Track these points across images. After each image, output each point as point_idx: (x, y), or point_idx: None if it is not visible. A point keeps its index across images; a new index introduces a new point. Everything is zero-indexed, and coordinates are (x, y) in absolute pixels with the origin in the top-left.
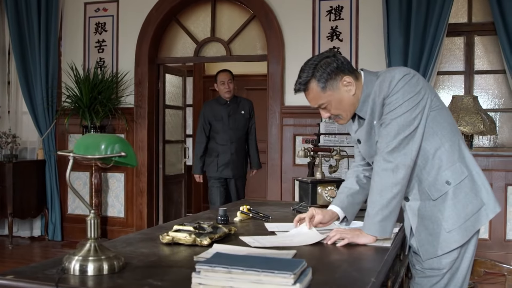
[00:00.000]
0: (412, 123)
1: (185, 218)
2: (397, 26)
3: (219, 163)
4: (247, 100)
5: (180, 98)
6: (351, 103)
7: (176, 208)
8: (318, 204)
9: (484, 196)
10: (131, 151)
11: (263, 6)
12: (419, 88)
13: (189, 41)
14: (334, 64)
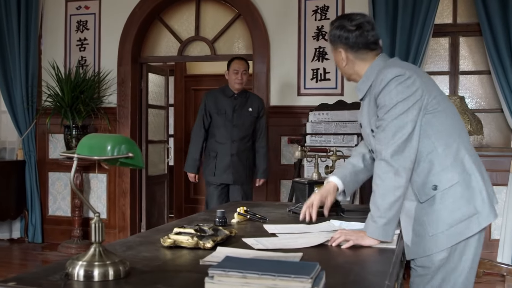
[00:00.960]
0: (409, 124)
1: (182, 220)
2: (383, 26)
3: (217, 166)
4: (257, 97)
5: (163, 98)
6: (344, 71)
7: (159, 209)
8: None
9: (478, 204)
10: (138, 152)
11: (248, 5)
12: (414, 89)
13: (172, 40)
14: (343, 33)
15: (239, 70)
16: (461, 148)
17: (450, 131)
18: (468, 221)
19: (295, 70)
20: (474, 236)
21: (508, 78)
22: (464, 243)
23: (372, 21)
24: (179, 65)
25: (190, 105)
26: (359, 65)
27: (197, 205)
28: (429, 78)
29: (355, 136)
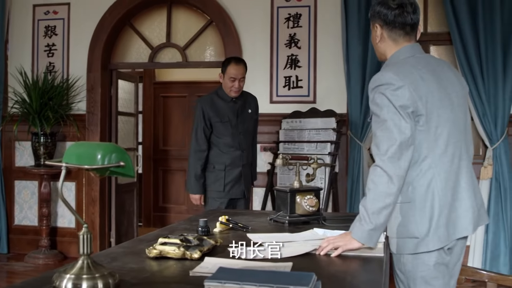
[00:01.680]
0: (405, 132)
1: (162, 230)
2: (356, 34)
3: (226, 179)
4: (251, 95)
5: (132, 105)
6: (377, 48)
7: (128, 218)
8: (297, 213)
9: (422, 229)
10: (129, 161)
11: (220, 12)
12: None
13: (143, 46)
14: (383, 10)
15: (236, 77)
16: (431, 172)
17: (424, 152)
18: (403, 241)
19: (267, 77)
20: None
21: (477, 86)
22: (412, 257)
23: (416, 4)
24: (148, 72)
25: (159, 112)
26: (389, 46)
27: (166, 214)
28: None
29: (328, 143)
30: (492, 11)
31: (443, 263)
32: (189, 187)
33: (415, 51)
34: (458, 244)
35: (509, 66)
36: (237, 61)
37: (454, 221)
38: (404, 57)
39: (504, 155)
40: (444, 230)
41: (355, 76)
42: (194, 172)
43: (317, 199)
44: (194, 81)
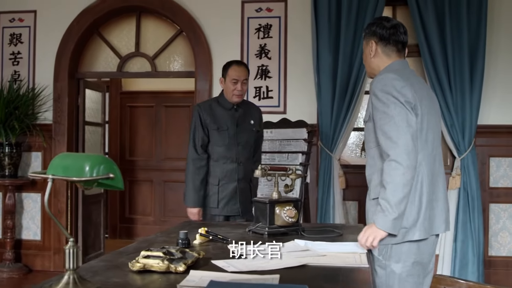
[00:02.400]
0: (412, 125)
1: (140, 242)
2: (326, 45)
3: (220, 195)
4: (254, 105)
5: (99, 115)
6: (369, 64)
7: (95, 229)
8: (276, 224)
9: (409, 220)
10: (118, 172)
11: (190, 22)
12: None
13: (111, 55)
14: (377, 29)
15: (238, 79)
16: (422, 165)
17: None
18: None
19: None
20: (402, 244)
21: (446, 97)
22: (391, 248)
23: (405, 27)
24: (115, 81)
25: (125, 122)
26: (382, 60)
27: (132, 225)
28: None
29: (300, 154)
30: (459, 23)
31: (420, 262)
32: (186, 199)
33: (405, 65)
34: (431, 241)
35: (476, 78)
36: (239, 63)
37: (432, 218)
38: (397, 68)
39: (471, 165)
40: (428, 223)
41: (326, 86)
42: (192, 183)
43: (296, 210)
44: (161, 91)
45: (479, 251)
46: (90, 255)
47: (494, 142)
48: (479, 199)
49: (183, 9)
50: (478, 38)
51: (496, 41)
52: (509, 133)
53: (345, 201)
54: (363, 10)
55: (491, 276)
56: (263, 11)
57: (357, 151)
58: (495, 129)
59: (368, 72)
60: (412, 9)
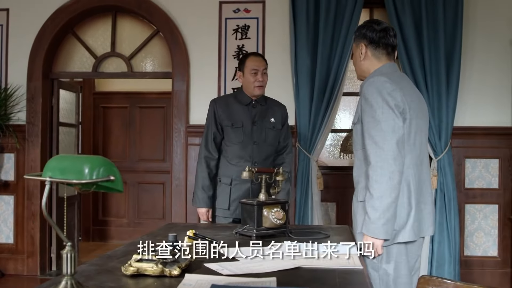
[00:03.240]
0: (397, 132)
1: (128, 245)
2: (304, 47)
3: (232, 195)
4: (278, 103)
5: (73, 115)
6: (359, 66)
7: (70, 232)
8: (264, 226)
9: (399, 223)
10: (118, 174)
11: (167, 22)
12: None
13: (87, 55)
14: (367, 32)
15: (258, 69)
16: (410, 168)
17: (407, 151)
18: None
19: (215, 88)
20: (391, 246)
21: None
22: (386, 250)
23: (394, 31)
24: (88, 82)
25: (98, 123)
26: (372, 63)
27: (106, 227)
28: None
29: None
30: (436, 26)
31: (408, 262)
32: (195, 199)
33: (396, 68)
34: (419, 242)
35: (452, 80)
36: (256, 54)
37: (421, 220)
38: (387, 71)
39: (448, 166)
40: (417, 225)
41: (304, 88)
42: (201, 182)
43: (284, 211)
44: (135, 91)
45: (455, 251)
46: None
47: (470, 143)
48: (455, 200)
49: (160, 9)
50: (454, 40)
51: (471, 44)
52: (484, 135)
53: (323, 202)
54: (341, 12)
55: (466, 276)
56: (241, 12)
57: (334, 152)
58: (470, 130)
59: (358, 74)
60: (390, 11)
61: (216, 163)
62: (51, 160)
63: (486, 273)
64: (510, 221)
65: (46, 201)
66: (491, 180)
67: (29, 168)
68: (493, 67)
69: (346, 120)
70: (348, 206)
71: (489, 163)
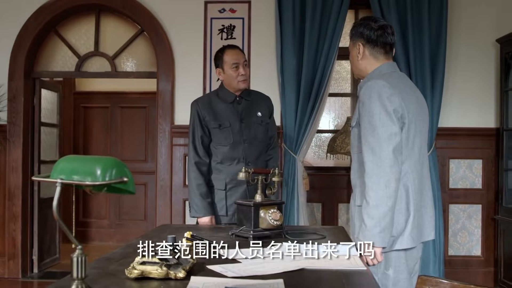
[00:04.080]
0: (394, 138)
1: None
2: (290, 47)
3: (228, 201)
4: (262, 95)
5: (55, 115)
6: (356, 66)
7: (51, 234)
8: (261, 227)
9: (398, 229)
10: (130, 176)
11: (152, 22)
12: (394, 105)
13: (69, 54)
14: (364, 30)
15: (239, 62)
16: (408, 173)
17: (405, 156)
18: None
19: (200, 88)
20: (390, 252)
21: None
22: (384, 256)
23: (392, 28)
24: (68, 81)
25: (79, 123)
26: (370, 62)
27: (87, 228)
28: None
29: None
30: (421, 28)
31: (407, 265)
32: (195, 210)
33: (395, 68)
34: (418, 247)
35: (437, 82)
36: (232, 46)
37: (421, 225)
38: (386, 72)
39: (432, 167)
40: (416, 231)
41: (290, 88)
42: (199, 190)
43: (280, 212)
44: (116, 91)
45: (440, 251)
46: (46, 260)
47: (454, 144)
48: (439, 200)
49: (145, 8)
50: (438, 42)
51: (455, 46)
52: (467, 136)
53: (309, 203)
54: (327, 13)
55: (450, 275)
56: (227, 12)
57: (320, 153)
58: (454, 131)
59: (356, 74)
60: (375, 13)
61: (208, 168)
62: (60, 161)
63: (470, 272)
64: (493, 221)
65: (57, 203)
66: (475, 180)
67: (11, 168)
68: (477, 69)
69: (331, 121)
70: (334, 206)
71: (473, 163)
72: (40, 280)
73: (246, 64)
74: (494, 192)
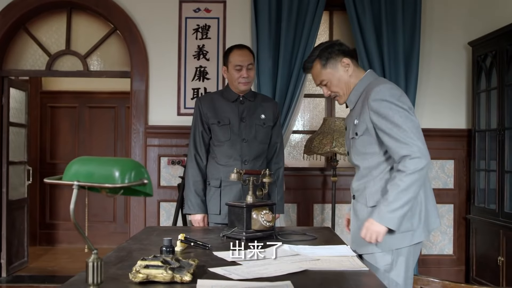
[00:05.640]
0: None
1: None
2: (266, 48)
3: (222, 198)
4: (269, 99)
5: (23, 115)
6: (347, 83)
7: (19, 237)
8: (253, 229)
9: (415, 222)
10: (149, 177)
11: (126, 21)
12: (409, 103)
13: (40, 52)
14: (336, 47)
15: (243, 65)
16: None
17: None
18: (403, 235)
19: (175, 89)
20: (406, 248)
21: None
22: (397, 252)
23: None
24: (34, 80)
25: (46, 123)
26: (357, 74)
27: (53, 231)
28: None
29: None
30: (395, 29)
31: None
32: (188, 205)
33: (375, 75)
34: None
35: (411, 83)
36: (240, 47)
37: (428, 215)
38: (376, 77)
39: None
40: (427, 222)
41: (266, 89)
42: (194, 186)
43: (272, 214)
44: (85, 91)
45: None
46: (14, 264)
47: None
48: None
49: (118, 6)
50: (412, 44)
51: (428, 49)
52: (440, 137)
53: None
54: (303, 13)
55: (423, 274)
56: (202, 12)
57: (294, 153)
58: (427, 132)
59: (342, 98)
60: (350, 14)
61: (206, 164)
62: (72, 163)
63: (442, 271)
64: (465, 220)
65: (74, 206)
66: (447, 180)
67: None
68: (449, 71)
69: (307, 122)
70: (309, 207)
71: (445, 164)
72: (9, 284)
73: (251, 68)
74: (466, 192)
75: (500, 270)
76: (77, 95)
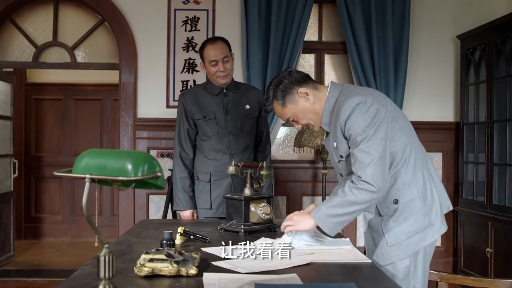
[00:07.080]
0: (380, 146)
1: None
2: (256, 40)
3: (212, 193)
4: (253, 88)
5: (9, 107)
6: (313, 111)
7: (5, 231)
8: (251, 221)
9: (432, 216)
10: (162, 170)
11: (114, 12)
12: (377, 112)
13: (26, 44)
14: (286, 81)
15: (217, 59)
16: (419, 164)
17: (408, 149)
18: (424, 232)
19: (164, 81)
20: (422, 248)
21: None
22: (417, 252)
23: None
24: (19, 72)
25: (30, 115)
26: (319, 97)
27: (39, 224)
28: (386, 98)
29: None
30: (385, 23)
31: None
32: (177, 202)
33: (338, 88)
34: None
35: (400, 76)
36: (213, 40)
37: (439, 200)
38: (340, 89)
39: None
40: (443, 212)
41: (255, 81)
42: (181, 183)
43: (270, 206)
44: (70, 83)
45: None
46: (0, 258)
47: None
48: None
49: None
50: (401, 37)
51: (417, 41)
52: (429, 129)
53: (274, 196)
54: (292, 6)
55: None
56: (191, 3)
57: (283, 146)
58: (416, 125)
59: (315, 126)
60: (340, 7)
61: (193, 161)
62: (82, 155)
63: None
64: (452, 212)
65: (86, 200)
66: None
67: None
68: (438, 64)
69: None
70: (298, 199)
71: (433, 156)
72: None
73: (227, 60)
74: (454, 184)
75: (489, 261)
76: (62, 87)
